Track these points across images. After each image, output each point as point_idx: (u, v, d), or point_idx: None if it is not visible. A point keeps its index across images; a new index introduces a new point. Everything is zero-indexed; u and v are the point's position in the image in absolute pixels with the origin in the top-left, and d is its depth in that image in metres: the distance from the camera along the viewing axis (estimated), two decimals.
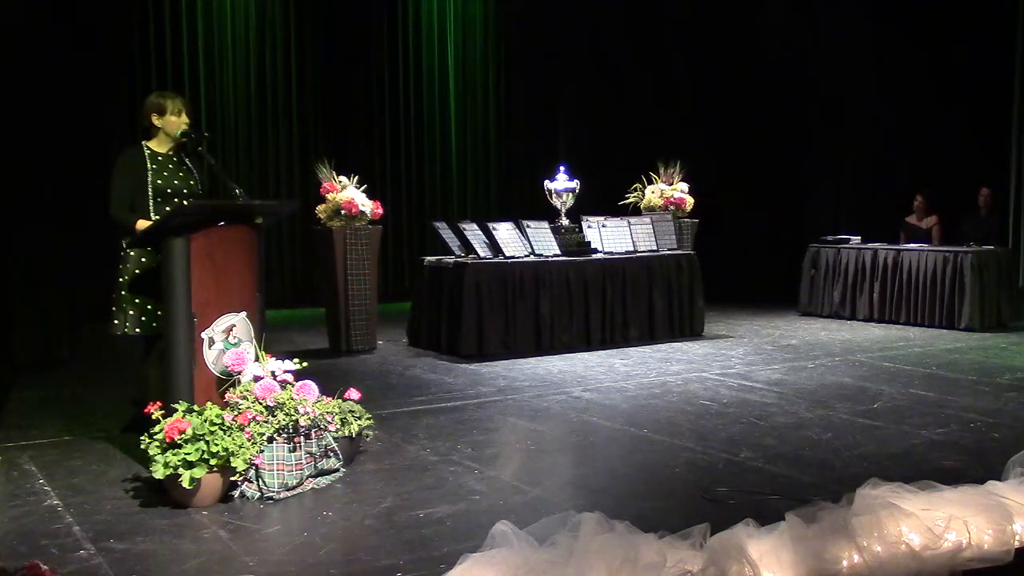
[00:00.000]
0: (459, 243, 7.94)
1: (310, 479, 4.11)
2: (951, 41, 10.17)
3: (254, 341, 4.35)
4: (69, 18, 8.31)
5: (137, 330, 4.70)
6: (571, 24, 12.25)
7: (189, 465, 3.74)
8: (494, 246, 7.76)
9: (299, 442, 4.05)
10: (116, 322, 4.71)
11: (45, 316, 7.31)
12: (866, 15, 11.06)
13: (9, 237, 7.09)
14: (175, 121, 4.77)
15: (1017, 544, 3.23)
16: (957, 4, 10.17)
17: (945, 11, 10.22)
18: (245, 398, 4.06)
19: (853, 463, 4.41)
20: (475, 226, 7.87)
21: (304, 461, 4.06)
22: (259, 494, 3.94)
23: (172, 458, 3.75)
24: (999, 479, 3.69)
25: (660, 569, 2.86)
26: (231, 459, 3.81)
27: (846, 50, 11.20)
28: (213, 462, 3.78)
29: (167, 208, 4.61)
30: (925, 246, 9.35)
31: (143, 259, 4.70)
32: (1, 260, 7.01)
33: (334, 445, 4.20)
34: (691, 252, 8.72)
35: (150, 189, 4.71)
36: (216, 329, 4.20)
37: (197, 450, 3.75)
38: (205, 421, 3.86)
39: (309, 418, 4.08)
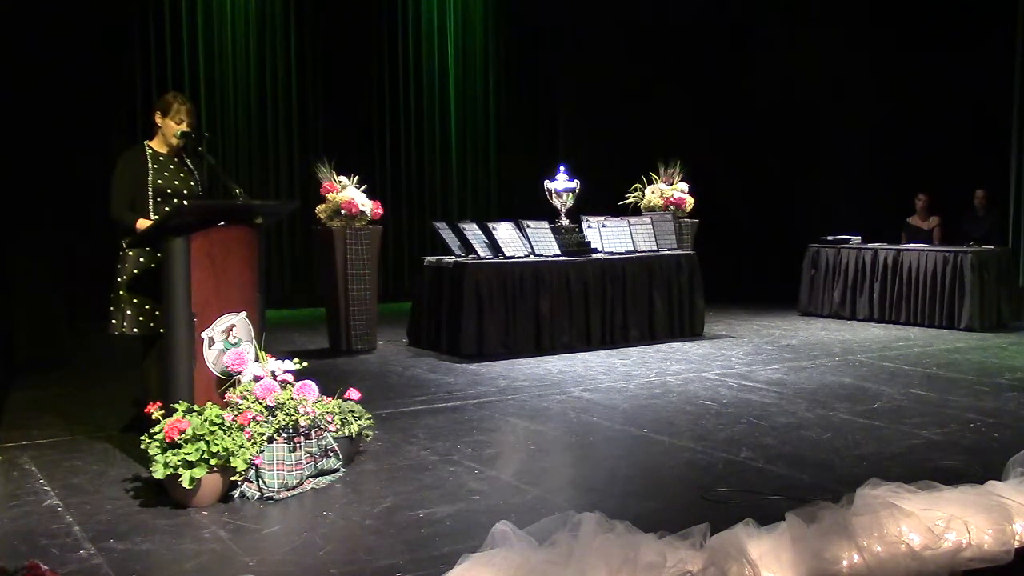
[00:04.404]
0: (459, 243, 7.94)
1: (310, 479, 4.11)
2: (952, 41, 10.16)
3: (254, 341, 4.35)
4: (70, 19, 8.30)
5: (135, 330, 4.70)
6: (571, 24, 12.25)
7: (189, 465, 3.74)
8: (494, 246, 7.76)
9: (299, 442, 4.05)
10: (114, 322, 4.72)
11: (45, 316, 7.31)
12: (867, 16, 11.06)
13: (9, 237, 7.09)
14: (172, 126, 4.77)
15: (1017, 544, 3.23)
16: (958, 5, 10.17)
17: (946, 12, 10.22)
18: (245, 398, 4.07)
19: (853, 463, 4.41)
20: (475, 226, 7.87)
21: (304, 461, 4.06)
22: (259, 494, 3.94)
23: (172, 458, 3.75)
24: (999, 479, 3.69)
25: (660, 569, 2.86)
26: (231, 459, 3.81)
27: (847, 50, 11.19)
28: (213, 462, 3.78)
29: (167, 208, 4.61)
30: (925, 246, 9.35)
31: (141, 259, 4.71)
32: (1, 260, 7.01)
33: (334, 445, 4.20)
34: (691, 252, 8.72)
35: (150, 189, 4.72)
36: (216, 329, 4.21)
37: (197, 450, 3.75)
38: (205, 421, 3.86)
39: (309, 418, 4.08)
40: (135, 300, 4.70)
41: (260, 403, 4.05)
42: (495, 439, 5.06)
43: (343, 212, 7.70)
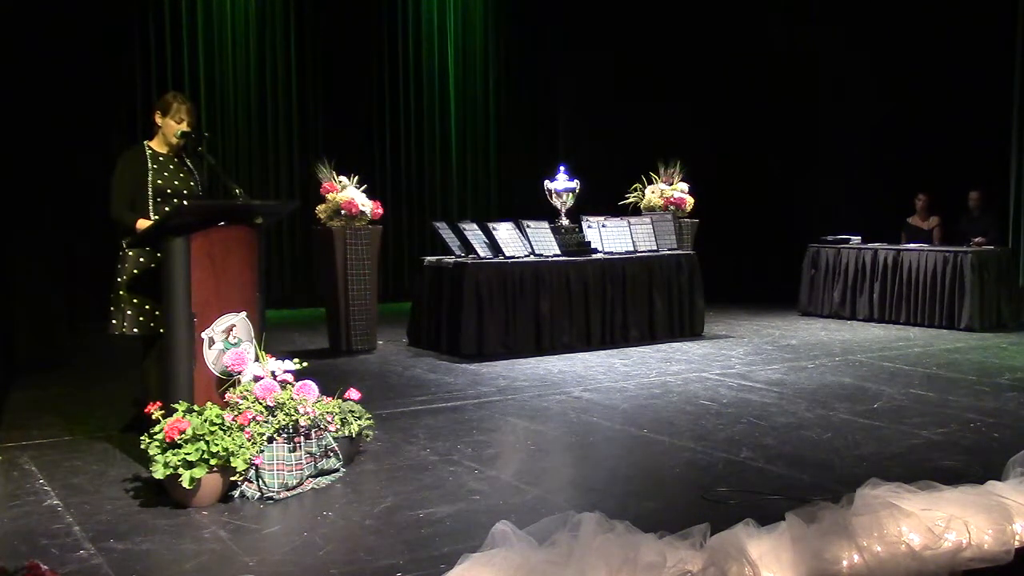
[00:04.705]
0: (459, 243, 7.94)
1: (310, 479, 4.11)
2: (952, 41, 10.16)
3: (254, 341, 4.35)
4: (70, 19, 8.31)
5: (135, 330, 4.70)
6: (571, 24, 12.25)
7: (189, 465, 3.74)
8: (494, 246, 7.76)
9: (299, 442, 4.05)
10: (114, 322, 4.72)
11: (45, 316, 7.31)
12: (867, 16, 11.06)
13: (9, 237, 7.09)
14: (173, 125, 4.77)
15: (1017, 544, 3.23)
16: (958, 5, 10.16)
17: (946, 12, 10.22)
18: (245, 398, 4.06)
19: (853, 463, 4.41)
20: (475, 226, 7.86)
21: (304, 461, 4.06)
22: (259, 494, 3.94)
23: (172, 458, 3.75)
24: (999, 479, 3.69)
25: (660, 569, 2.86)
26: (231, 459, 3.81)
27: (847, 50, 11.20)
28: (213, 462, 3.78)
29: (167, 208, 4.61)
30: (925, 246, 9.35)
31: (141, 259, 4.71)
32: (1, 260, 7.01)
33: (334, 445, 4.20)
34: (691, 252, 8.72)
35: (150, 189, 4.72)
36: (216, 329, 4.21)
37: (197, 450, 3.76)
38: (205, 421, 3.86)
39: (309, 418, 4.08)
40: (135, 300, 4.70)
41: (260, 403, 4.05)
42: (495, 439, 5.06)
43: (343, 212, 7.70)
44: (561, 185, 8.32)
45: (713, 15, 11.88)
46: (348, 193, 7.75)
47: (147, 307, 4.69)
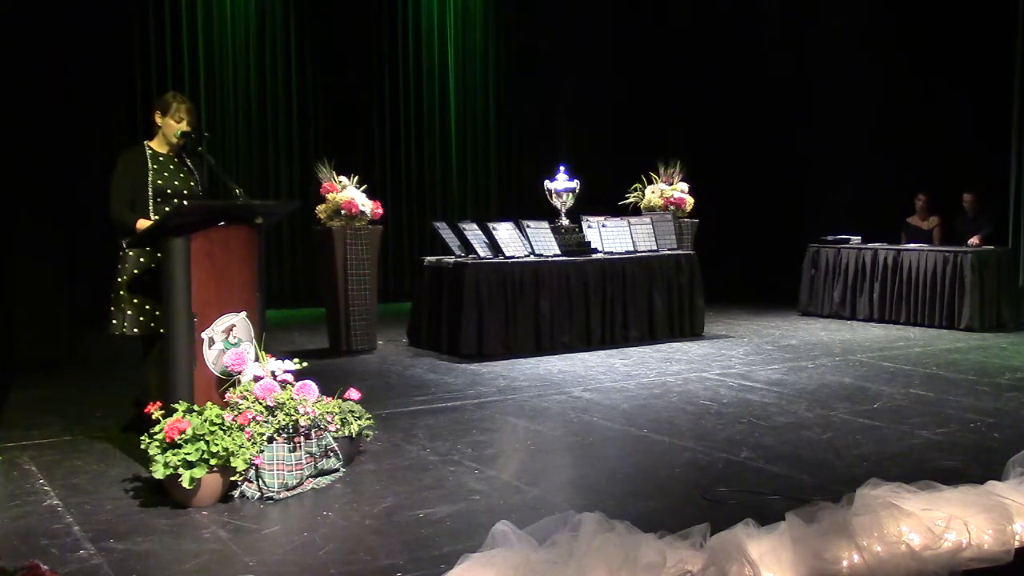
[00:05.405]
0: (459, 243, 7.94)
1: (310, 479, 4.11)
2: (952, 41, 10.16)
3: (254, 341, 4.35)
4: (69, 19, 8.30)
5: (135, 330, 4.70)
6: (571, 23, 12.25)
7: (189, 465, 3.74)
8: (494, 246, 7.76)
9: (299, 442, 4.05)
10: (115, 322, 4.72)
11: (45, 316, 7.31)
12: (867, 16, 11.06)
13: (9, 238, 7.08)
14: (173, 125, 4.77)
15: (1017, 544, 3.23)
16: (958, 5, 10.16)
17: (946, 12, 10.22)
18: (245, 398, 4.07)
19: (853, 463, 4.41)
20: (475, 226, 7.86)
21: (304, 461, 4.06)
22: (259, 494, 3.94)
23: (172, 458, 3.75)
24: (999, 479, 3.69)
25: (660, 569, 2.86)
26: (231, 459, 3.81)
27: (846, 49, 11.20)
28: (213, 462, 3.78)
29: (167, 208, 4.61)
30: (925, 246, 9.35)
31: (141, 259, 4.71)
32: (1, 260, 7.01)
33: (334, 445, 4.20)
34: (691, 252, 8.72)
35: (150, 189, 4.72)
36: (216, 329, 4.21)
37: (197, 450, 3.76)
38: (205, 421, 3.86)
39: (309, 418, 4.08)
40: (135, 300, 4.69)
41: (260, 403, 4.05)
42: (495, 439, 5.06)
43: (343, 212, 7.70)
44: (561, 185, 8.31)
45: (712, 15, 11.88)
46: (348, 193, 7.75)
47: (147, 307, 4.69)
